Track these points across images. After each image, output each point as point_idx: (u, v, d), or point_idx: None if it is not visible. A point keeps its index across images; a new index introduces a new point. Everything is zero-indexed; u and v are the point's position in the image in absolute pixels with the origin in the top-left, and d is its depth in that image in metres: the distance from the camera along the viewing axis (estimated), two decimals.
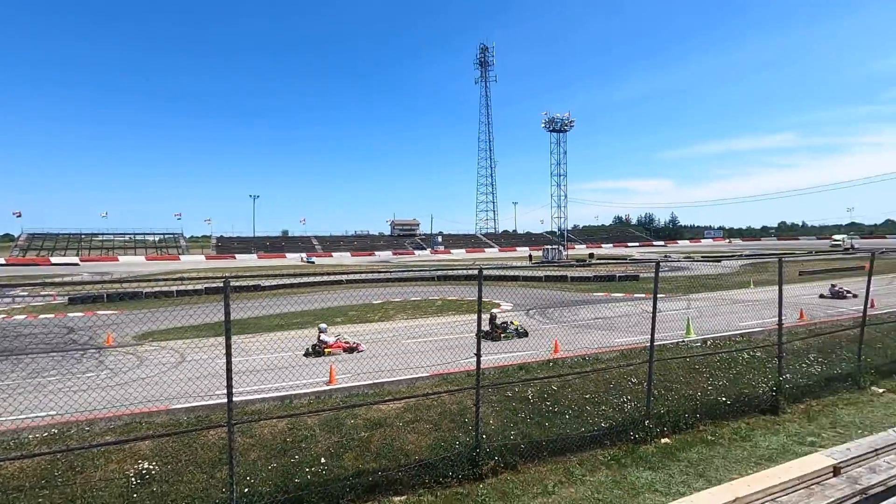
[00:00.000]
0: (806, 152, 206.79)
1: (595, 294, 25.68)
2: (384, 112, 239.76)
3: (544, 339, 13.33)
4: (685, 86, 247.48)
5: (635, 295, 23.98)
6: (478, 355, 5.85)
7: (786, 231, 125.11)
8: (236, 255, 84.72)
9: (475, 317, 6.32)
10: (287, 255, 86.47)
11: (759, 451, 6.57)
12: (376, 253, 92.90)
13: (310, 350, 13.20)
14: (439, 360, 10.07)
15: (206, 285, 26.90)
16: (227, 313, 4.71)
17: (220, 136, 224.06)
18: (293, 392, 8.44)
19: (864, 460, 4.88)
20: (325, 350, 13.06)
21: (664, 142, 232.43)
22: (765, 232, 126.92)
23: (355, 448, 5.97)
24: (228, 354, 4.72)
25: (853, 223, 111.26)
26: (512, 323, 15.07)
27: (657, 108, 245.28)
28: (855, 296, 20.10)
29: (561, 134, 64.12)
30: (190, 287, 27.51)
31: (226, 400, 4.81)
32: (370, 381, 8.76)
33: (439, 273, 31.00)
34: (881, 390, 8.87)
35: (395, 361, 10.52)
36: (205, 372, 9.87)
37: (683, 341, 10.76)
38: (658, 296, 7.19)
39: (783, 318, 8.28)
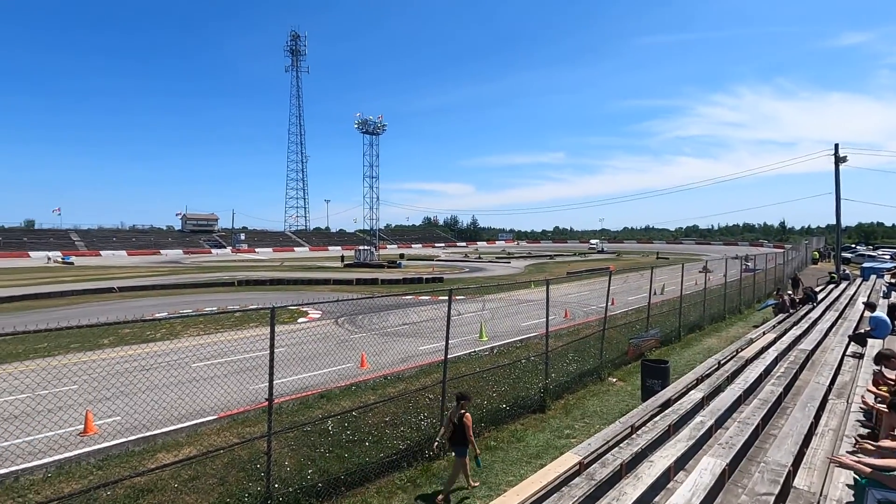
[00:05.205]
0: (572, 169, 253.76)
1: (405, 297, 26.71)
2: (169, 87, 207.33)
3: (353, 352, 13.24)
4: (477, 103, 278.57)
5: (440, 298, 25.74)
6: (269, 402, 5.41)
7: (559, 235, 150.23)
8: None
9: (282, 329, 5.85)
10: (31, 253, 68.25)
11: (530, 450, 7.65)
12: (163, 251, 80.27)
13: None
14: (234, 390, 9.11)
15: None
16: None
17: None
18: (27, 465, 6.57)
19: (599, 454, 6.08)
20: None
21: (464, 151, 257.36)
22: (544, 235, 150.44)
23: None
24: None
25: (604, 230, 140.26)
26: None
27: (455, 120, 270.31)
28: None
29: (374, 136, 64.93)
30: None
31: None
32: (138, 436, 7.33)
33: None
34: (614, 380, 11.26)
35: (178, 395, 9.11)
36: None
37: (475, 351, 11.92)
38: (459, 297, 7.77)
39: (553, 317, 9.81)
